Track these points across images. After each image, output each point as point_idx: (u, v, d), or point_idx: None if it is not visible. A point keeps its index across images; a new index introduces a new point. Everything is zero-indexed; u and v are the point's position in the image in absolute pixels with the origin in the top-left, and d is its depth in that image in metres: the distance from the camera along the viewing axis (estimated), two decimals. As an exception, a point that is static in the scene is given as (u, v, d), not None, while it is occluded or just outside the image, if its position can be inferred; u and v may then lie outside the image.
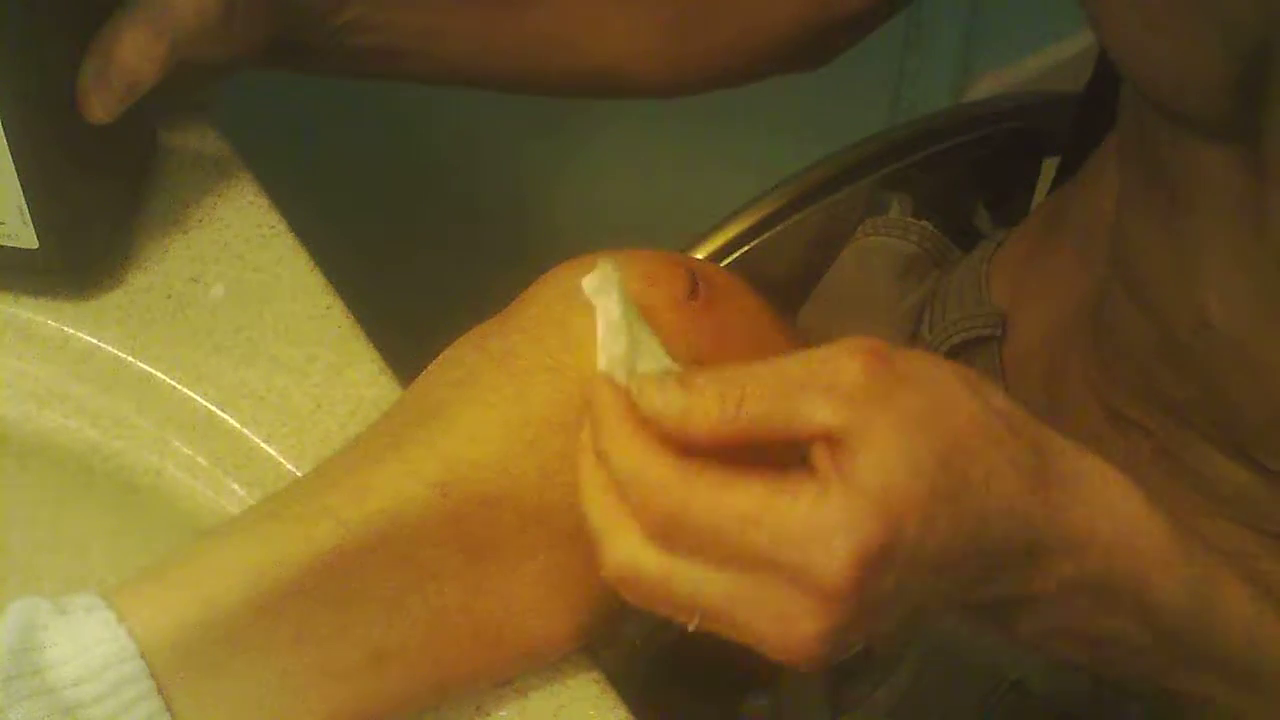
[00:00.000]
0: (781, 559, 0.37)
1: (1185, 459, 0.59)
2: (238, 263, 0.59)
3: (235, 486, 0.53)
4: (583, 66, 0.68)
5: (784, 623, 0.37)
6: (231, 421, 0.54)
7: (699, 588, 0.38)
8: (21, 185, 0.52)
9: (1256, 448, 0.56)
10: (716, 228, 0.87)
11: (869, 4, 0.68)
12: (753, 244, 0.87)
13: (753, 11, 0.69)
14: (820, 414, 0.37)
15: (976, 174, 0.91)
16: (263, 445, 0.54)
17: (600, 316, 0.41)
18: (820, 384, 0.37)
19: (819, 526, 0.36)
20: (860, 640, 0.39)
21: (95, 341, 0.56)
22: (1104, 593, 0.41)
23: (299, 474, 0.52)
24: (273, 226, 0.60)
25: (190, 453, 0.54)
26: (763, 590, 0.37)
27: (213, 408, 0.54)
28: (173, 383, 0.55)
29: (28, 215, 0.53)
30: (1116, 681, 0.48)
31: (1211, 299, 0.55)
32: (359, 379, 0.55)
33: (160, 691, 0.41)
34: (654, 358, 0.41)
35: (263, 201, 0.61)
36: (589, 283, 0.42)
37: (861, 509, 0.36)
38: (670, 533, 0.38)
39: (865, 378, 0.37)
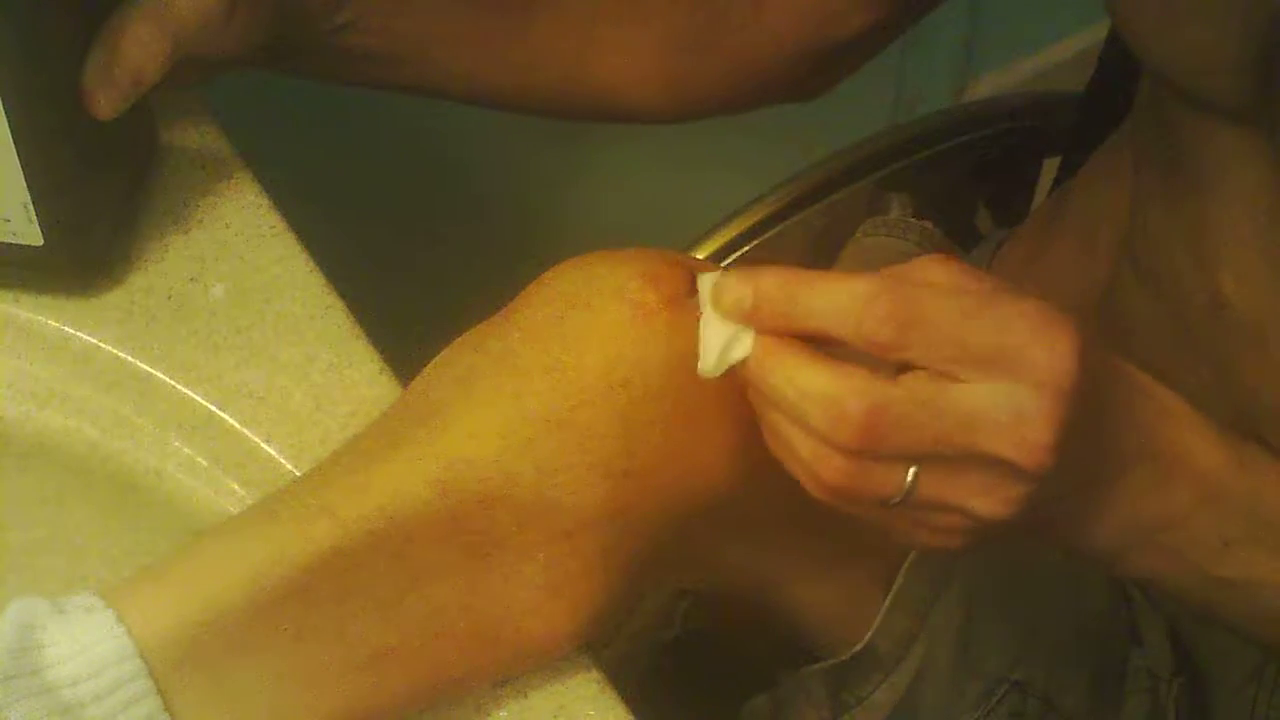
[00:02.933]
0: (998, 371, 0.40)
1: None
2: (238, 263, 0.59)
3: (235, 486, 0.53)
4: (577, 87, 0.68)
5: (1020, 424, 0.40)
6: (231, 421, 0.54)
7: (914, 451, 0.41)
8: (27, 182, 0.52)
9: (1271, 431, 0.56)
10: (716, 228, 0.87)
11: (867, 29, 0.68)
12: (753, 244, 0.87)
13: (750, 37, 0.69)
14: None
15: (977, 174, 0.91)
16: (263, 445, 0.54)
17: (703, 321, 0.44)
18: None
19: (1020, 351, 0.40)
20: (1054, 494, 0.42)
21: (95, 341, 0.56)
22: (1159, 459, 0.46)
23: (299, 474, 0.52)
24: (273, 226, 0.60)
25: (190, 453, 0.54)
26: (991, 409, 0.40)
27: (213, 408, 0.54)
28: (173, 383, 0.55)
29: (33, 212, 0.53)
30: (1172, 594, 0.51)
31: (1227, 280, 0.55)
32: (359, 379, 0.55)
33: (159, 691, 0.41)
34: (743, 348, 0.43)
35: (263, 201, 0.61)
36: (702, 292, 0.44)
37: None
38: (876, 423, 0.40)
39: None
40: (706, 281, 0.44)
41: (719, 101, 0.72)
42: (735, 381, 0.44)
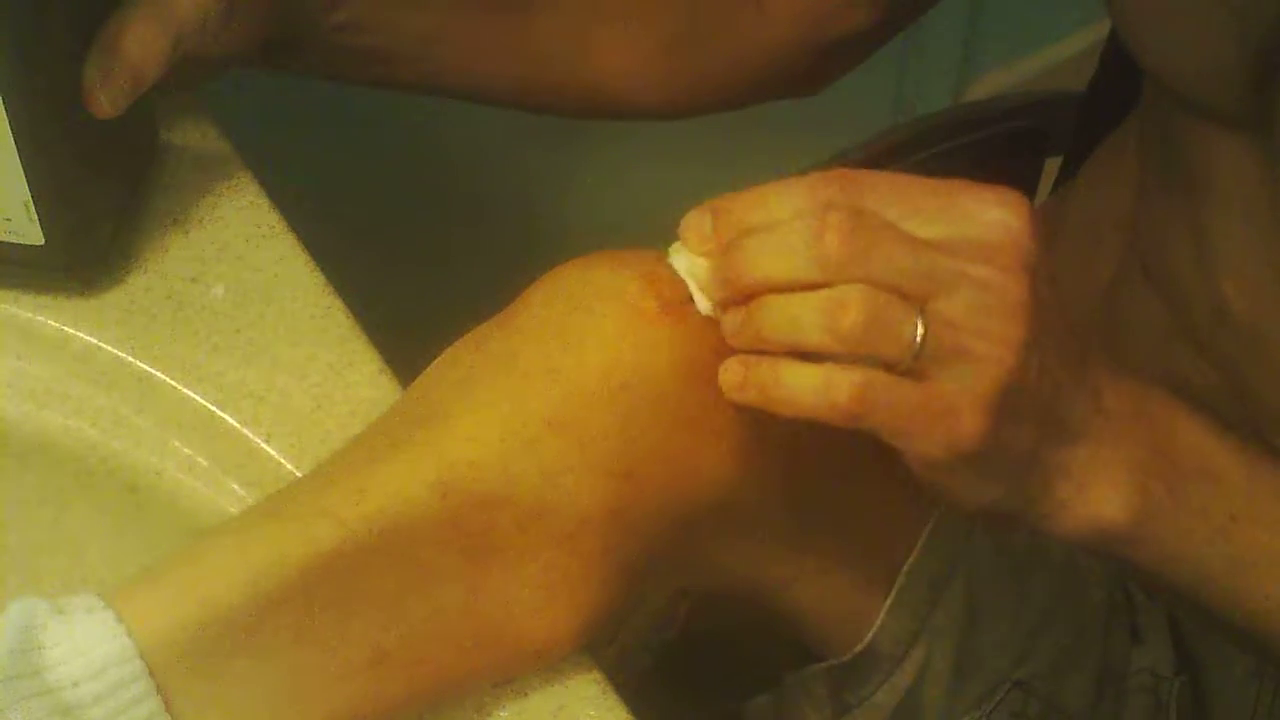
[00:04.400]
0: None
1: None
2: (238, 263, 0.59)
3: (235, 486, 0.53)
4: (577, 83, 0.68)
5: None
6: (231, 421, 0.54)
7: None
8: (27, 181, 0.52)
9: (1276, 434, 0.56)
10: (717, 228, 0.87)
11: (867, 25, 0.68)
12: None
13: (750, 34, 0.69)
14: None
15: (977, 174, 0.91)
16: (263, 445, 0.54)
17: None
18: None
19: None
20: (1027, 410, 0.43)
21: (95, 341, 0.56)
22: (1156, 425, 0.47)
23: (299, 474, 0.52)
24: (272, 226, 0.60)
25: (190, 453, 0.54)
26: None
27: (213, 408, 0.54)
28: (173, 383, 0.55)
29: (33, 211, 0.53)
30: (1182, 585, 0.51)
31: (1229, 287, 0.55)
32: (359, 379, 0.55)
33: (159, 692, 0.41)
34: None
35: (263, 201, 0.61)
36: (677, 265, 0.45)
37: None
38: (858, 226, 0.41)
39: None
40: (680, 242, 0.45)
41: (719, 98, 0.71)
42: None
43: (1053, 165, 0.90)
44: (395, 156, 1.09)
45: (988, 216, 0.42)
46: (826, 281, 0.41)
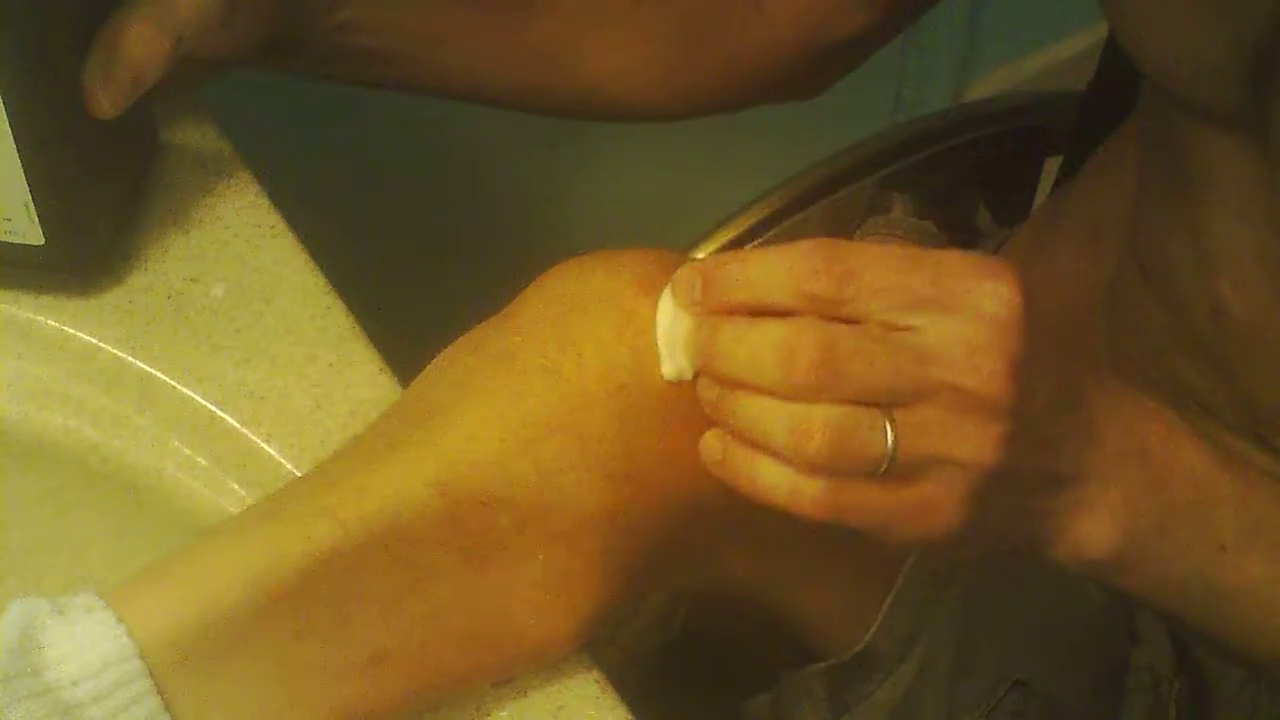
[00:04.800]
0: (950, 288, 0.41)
1: None
2: (238, 263, 0.59)
3: (235, 486, 0.53)
4: (576, 84, 0.68)
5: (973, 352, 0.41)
6: (231, 421, 0.54)
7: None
8: (27, 181, 0.52)
9: (1273, 433, 0.57)
10: (716, 228, 0.87)
11: (866, 27, 0.68)
12: (753, 244, 0.87)
13: (749, 35, 0.69)
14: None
15: (978, 174, 0.91)
16: (263, 445, 0.54)
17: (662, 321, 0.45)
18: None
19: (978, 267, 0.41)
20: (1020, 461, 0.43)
21: (95, 341, 0.56)
22: (1150, 458, 0.46)
23: (299, 474, 0.52)
24: (273, 226, 0.60)
25: (190, 453, 0.54)
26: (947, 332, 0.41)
27: (213, 408, 0.54)
28: (173, 383, 0.55)
29: (33, 211, 0.53)
30: (1172, 610, 0.51)
31: (1226, 287, 0.55)
32: (359, 379, 0.55)
33: (159, 691, 0.41)
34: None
35: (263, 201, 0.61)
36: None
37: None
38: (830, 357, 0.41)
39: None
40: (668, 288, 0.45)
41: (718, 100, 0.72)
42: None
43: (1053, 165, 0.90)
44: (395, 156, 1.09)
45: (977, 309, 0.41)
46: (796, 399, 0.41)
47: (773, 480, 0.43)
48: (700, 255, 0.85)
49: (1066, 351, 0.44)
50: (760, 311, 0.42)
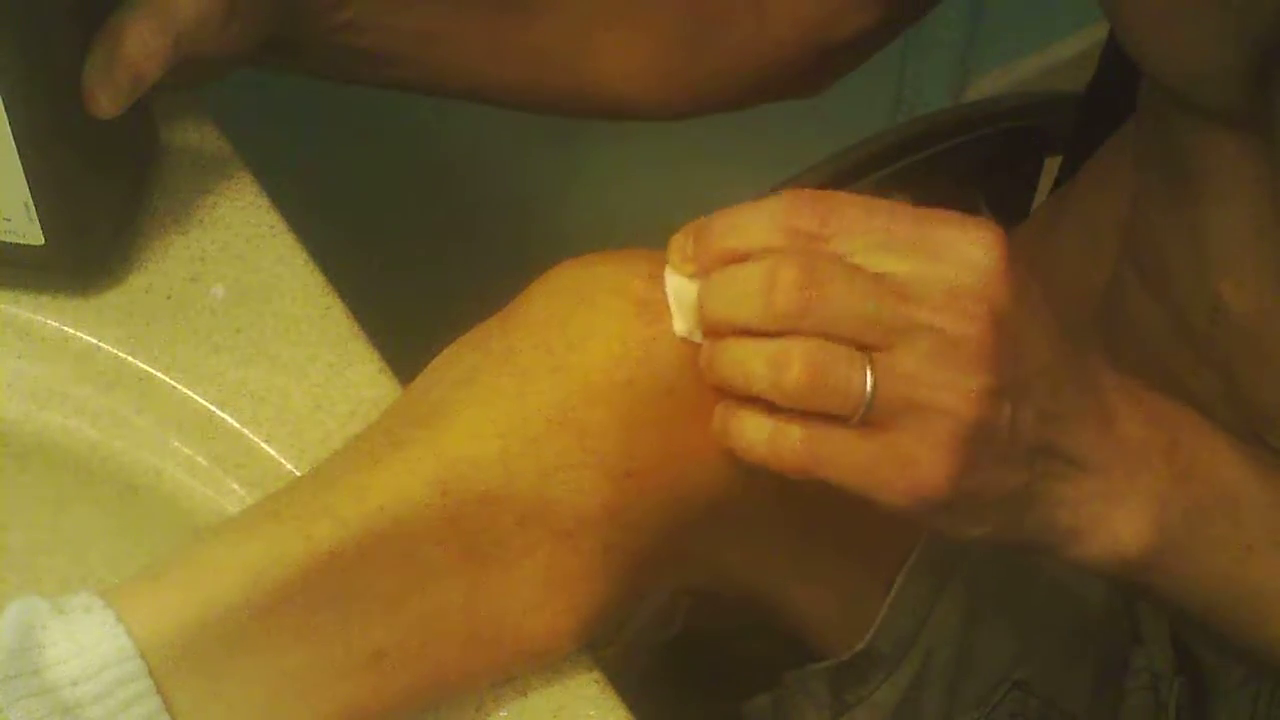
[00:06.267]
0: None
1: None
2: (238, 263, 0.59)
3: (235, 486, 0.53)
4: (577, 84, 0.68)
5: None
6: (231, 421, 0.54)
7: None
8: (28, 181, 0.52)
9: (1272, 433, 0.56)
10: (717, 227, 0.87)
11: (867, 27, 0.68)
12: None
13: (750, 35, 0.69)
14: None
15: (978, 174, 0.91)
16: (263, 445, 0.54)
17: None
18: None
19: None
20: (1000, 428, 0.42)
21: (95, 341, 0.56)
22: (1177, 452, 0.46)
23: (299, 474, 0.52)
24: (273, 226, 0.60)
25: (190, 453, 0.54)
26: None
27: (213, 408, 0.54)
28: (173, 383, 0.55)
29: (34, 211, 0.53)
30: (1196, 613, 0.50)
31: (1226, 286, 0.55)
32: (359, 379, 0.55)
33: (159, 691, 0.41)
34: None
35: (263, 201, 0.61)
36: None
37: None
38: (810, 279, 0.41)
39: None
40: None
41: (719, 99, 0.72)
42: None
43: (1053, 165, 0.90)
44: (395, 156, 1.09)
45: (959, 255, 0.41)
46: (778, 331, 0.41)
47: (755, 434, 0.43)
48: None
49: (1074, 332, 0.43)
50: (750, 257, 0.43)
